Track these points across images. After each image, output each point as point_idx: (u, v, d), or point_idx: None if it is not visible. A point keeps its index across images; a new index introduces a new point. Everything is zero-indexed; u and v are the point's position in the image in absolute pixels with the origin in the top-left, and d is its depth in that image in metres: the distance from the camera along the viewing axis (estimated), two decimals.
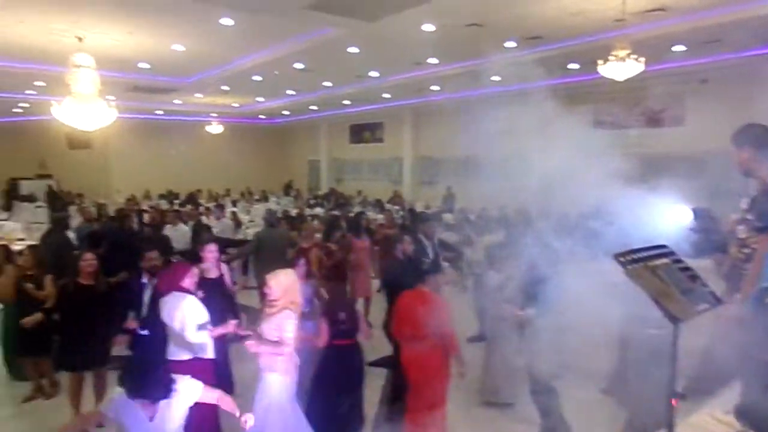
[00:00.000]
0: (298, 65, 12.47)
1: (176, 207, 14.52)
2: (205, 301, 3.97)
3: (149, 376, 2.42)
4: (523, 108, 3.30)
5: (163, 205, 16.06)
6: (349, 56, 11.40)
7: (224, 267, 5.22)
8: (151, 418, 2.44)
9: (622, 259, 2.01)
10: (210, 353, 3.92)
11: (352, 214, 11.09)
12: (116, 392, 2.55)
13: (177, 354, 3.83)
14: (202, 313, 3.85)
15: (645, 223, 2.90)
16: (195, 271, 4.04)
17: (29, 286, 5.09)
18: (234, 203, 17.47)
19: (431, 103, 17.65)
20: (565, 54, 10.63)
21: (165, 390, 2.45)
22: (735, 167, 3.07)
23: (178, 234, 8.38)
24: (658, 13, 8.41)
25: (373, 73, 13.84)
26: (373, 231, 9.28)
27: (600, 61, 8.44)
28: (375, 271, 7.64)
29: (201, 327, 3.79)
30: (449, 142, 18.04)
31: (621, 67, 8.30)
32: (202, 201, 17.23)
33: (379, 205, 15.17)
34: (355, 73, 13.78)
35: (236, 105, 20.09)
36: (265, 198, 20.68)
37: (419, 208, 15.15)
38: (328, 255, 6.60)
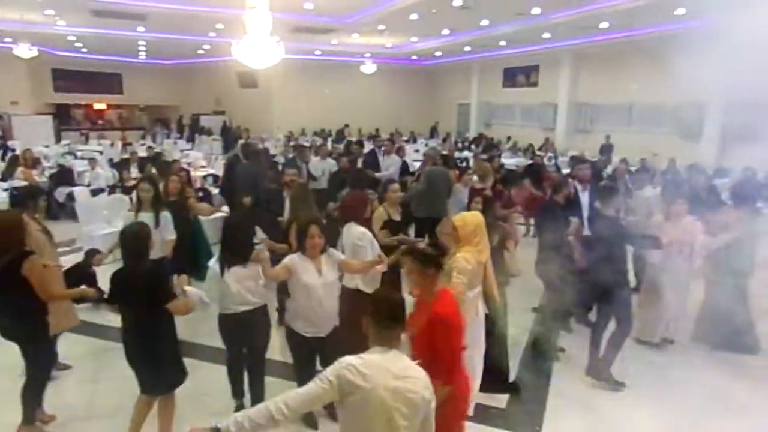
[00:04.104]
0: (458, 2, 12.07)
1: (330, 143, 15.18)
2: None
3: None
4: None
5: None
6: None
7: None
8: None
9: None
10: None
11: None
12: None
13: None
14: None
15: None
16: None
17: None
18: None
19: (595, 45, 16.20)
20: None
21: None
22: None
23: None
24: None
25: (536, 10, 12.96)
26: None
27: None
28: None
29: None
30: (612, 86, 16.55)
31: None
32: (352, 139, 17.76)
33: (530, 151, 14.56)
34: (516, 10, 13.02)
35: (389, 45, 20.21)
36: (413, 139, 20.93)
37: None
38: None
